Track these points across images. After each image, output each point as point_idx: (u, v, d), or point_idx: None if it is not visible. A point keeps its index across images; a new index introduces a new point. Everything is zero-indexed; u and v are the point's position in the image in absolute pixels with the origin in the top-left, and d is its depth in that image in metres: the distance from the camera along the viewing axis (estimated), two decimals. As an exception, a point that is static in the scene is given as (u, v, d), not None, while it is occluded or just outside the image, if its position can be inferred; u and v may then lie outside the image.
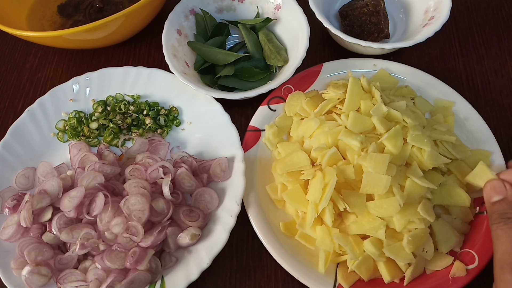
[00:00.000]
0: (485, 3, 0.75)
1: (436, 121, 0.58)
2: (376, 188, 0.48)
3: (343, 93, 0.57)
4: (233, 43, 0.70)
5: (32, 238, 0.52)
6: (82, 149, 0.60)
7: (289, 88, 0.62)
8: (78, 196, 0.52)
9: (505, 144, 0.61)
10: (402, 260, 0.48)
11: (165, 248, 0.52)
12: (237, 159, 0.56)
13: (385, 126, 0.52)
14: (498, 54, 0.70)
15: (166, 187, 0.53)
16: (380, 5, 0.65)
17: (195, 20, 0.68)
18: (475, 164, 0.55)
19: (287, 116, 0.60)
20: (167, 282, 0.50)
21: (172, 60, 0.61)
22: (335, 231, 0.50)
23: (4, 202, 0.55)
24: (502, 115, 0.64)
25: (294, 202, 0.52)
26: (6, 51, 0.74)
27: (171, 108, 0.63)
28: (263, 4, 0.68)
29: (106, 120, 0.62)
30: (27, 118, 0.61)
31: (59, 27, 0.73)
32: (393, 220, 0.49)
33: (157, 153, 0.59)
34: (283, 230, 0.53)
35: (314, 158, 0.54)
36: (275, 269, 0.54)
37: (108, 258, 0.49)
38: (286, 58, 0.64)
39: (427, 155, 0.51)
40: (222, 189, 0.55)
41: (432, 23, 0.62)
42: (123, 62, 0.71)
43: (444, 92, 0.61)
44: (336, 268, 0.51)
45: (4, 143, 0.59)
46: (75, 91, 0.64)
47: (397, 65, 0.63)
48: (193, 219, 0.53)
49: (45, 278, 0.50)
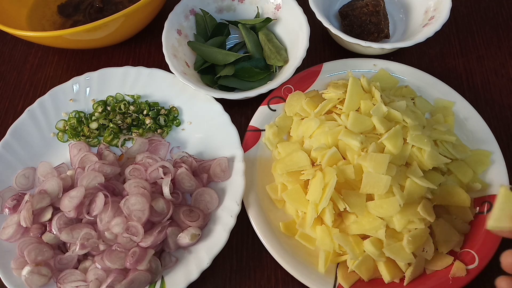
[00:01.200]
0: (485, 3, 0.75)
1: (436, 121, 0.58)
2: (376, 188, 0.48)
3: (343, 93, 0.57)
4: (233, 43, 0.70)
5: (32, 238, 0.52)
6: (82, 149, 0.60)
7: (289, 88, 0.62)
8: (78, 196, 0.52)
9: (505, 144, 0.61)
10: (402, 260, 0.48)
11: (165, 248, 0.52)
12: (237, 159, 0.56)
13: (385, 126, 0.52)
14: (498, 54, 0.70)
15: (166, 187, 0.53)
16: (380, 5, 0.65)
17: (195, 20, 0.68)
18: (475, 164, 0.55)
19: (287, 116, 0.60)
20: (167, 282, 0.50)
21: (172, 60, 0.61)
22: (335, 231, 0.50)
23: (4, 202, 0.55)
24: (502, 115, 0.64)
25: (294, 202, 0.52)
26: (6, 51, 0.74)
27: (171, 108, 0.63)
28: (263, 4, 0.68)
29: (106, 120, 0.62)
30: (27, 118, 0.61)
31: (59, 27, 0.73)
32: (393, 220, 0.49)
33: (157, 153, 0.59)
34: (283, 230, 0.53)
35: (314, 158, 0.54)
36: (275, 269, 0.54)
37: (108, 258, 0.49)
38: (286, 58, 0.64)
39: (427, 155, 0.51)
40: (222, 189, 0.55)
41: (432, 23, 0.62)
42: (123, 62, 0.71)
43: (444, 92, 0.61)
44: (336, 268, 0.51)
45: (4, 143, 0.59)
46: (75, 91, 0.64)
47: (397, 65, 0.63)
48: (193, 219, 0.53)
49: (45, 278, 0.50)
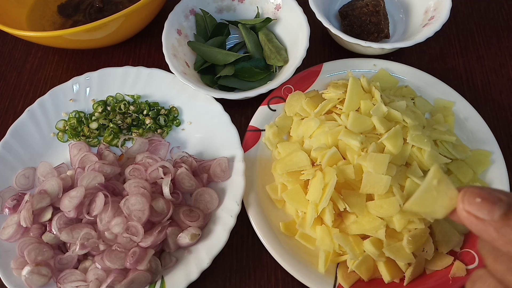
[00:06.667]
0: (485, 3, 0.75)
1: (436, 121, 0.58)
2: (376, 188, 0.48)
3: (343, 93, 0.57)
4: (233, 43, 0.70)
5: (32, 238, 0.52)
6: (82, 149, 0.60)
7: (289, 88, 0.62)
8: (78, 196, 0.52)
9: (505, 144, 0.61)
10: (402, 260, 0.48)
11: (165, 248, 0.52)
12: (237, 159, 0.56)
13: (385, 126, 0.52)
14: (498, 54, 0.70)
15: (166, 187, 0.53)
16: (380, 5, 0.65)
17: (195, 20, 0.68)
18: (475, 164, 0.55)
19: (287, 116, 0.60)
20: (167, 282, 0.50)
21: (172, 60, 0.61)
22: (335, 231, 0.50)
23: (4, 202, 0.55)
24: (502, 115, 0.64)
25: (294, 202, 0.52)
26: (6, 51, 0.74)
27: (171, 108, 0.63)
28: (263, 4, 0.68)
29: (106, 120, 0.62)
30: (27, 118, 0.61)
31: (59, 27, 0.73)
32: (393, 220, 0.49)
33: (157, 153, 0.59)
34: (283, 230, 0.53)
35: (314, 158, 0.54)
36: (275, 269, 0.54)
37: (108, 258, 0.49)
38: (286, 58, 0.64)
39: (427, 155, 0.51)
40: (222, 189, 0.55)
41: (432, 23, 0.62)
42: (123, 62, 0.71)
43: (444, 92, 0.61)
44: (336, 268, 0.51)
45: (4, 143, 0.59)
46: (75, 91, 0.64)
47: (397, 65, 0.63)
48: (193, 219, 0.53)
49: (45, 278, 0.50)
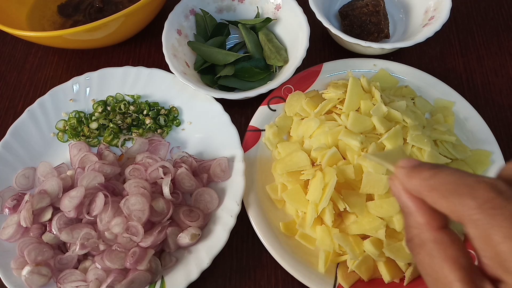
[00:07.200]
0: (485, 3, 0.75)
1: (436, 121, 0.58)
2: (376, 188, 0.48)
3: (343, 93, 0.57)
4: (233, 43, 0.70)
5: (32, 238, 0.52)
6: (82, 149, 0.60)
7: (289, 88, 0.62)
8: (78, 196, 0.52)
9: (505, 144, 0.61)
10: (402, 260, 0.48)
11: (165, 248, 0.52)
12: (237, 159, 0.56)
13: (385, 126, 0.52)
14: (498, 54, 0.69)
15: (166, 187, 0.53)
16: (380, 5, 0.65)
17: (195, 20, 0.68)
18: (475, 164, 0.55)
19: (287, 116, 0.60)
20: (167, 282, 0.50)
21: (172, 60, 0.61)
22: (335, 231, 0.50)
23: (4, 202, 0.55)
24: (502, 115, 0.64)
25: (294, 202, 0.52)
26: (6, 51, 0.74)
27: (171, 108, 0.63)
28: (263, 4, 0.68)
29: (106, 120, 0.62)
30: (27, 118, 0.61)
31: (59, 27, 0.73)
32: (393, 220, 0.49)
33: (157, 153, 0.59)
34: (283, 230, 0.53)
35: (314, 158, 0.54)
36: (275, 269, 0.54)
37: (108, 258, 0.49)
38: (286, 58, 0.64)
39: (427, 155, 0.51)
40: (222, 189, 0.55)
41: (432, 23, 0.62)
42: (123, 62, 0.71)
43: (444, 92, 0.61)
44: (336, 268, 0.51)
45: (4, 143, 0.59)
46: (75, 91, 0.64)
47: (397, 65, 0.63)
48: (193, 219, 0.53)
49: (45, 278, 0.50)
